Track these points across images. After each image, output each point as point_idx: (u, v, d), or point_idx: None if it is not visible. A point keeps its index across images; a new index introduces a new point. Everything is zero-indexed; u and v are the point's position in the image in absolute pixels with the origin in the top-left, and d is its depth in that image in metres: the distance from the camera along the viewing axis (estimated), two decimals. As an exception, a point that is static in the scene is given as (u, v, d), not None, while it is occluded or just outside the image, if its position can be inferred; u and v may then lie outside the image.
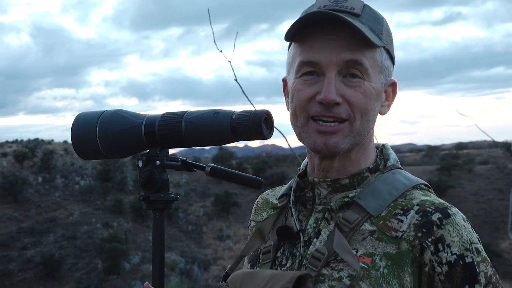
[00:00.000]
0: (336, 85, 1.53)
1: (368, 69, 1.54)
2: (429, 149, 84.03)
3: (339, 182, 1.62)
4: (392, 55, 1.63)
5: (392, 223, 1.51)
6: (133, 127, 1.73)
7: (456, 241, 1.44)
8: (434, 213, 1.48)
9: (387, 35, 1.60)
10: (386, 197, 1.56)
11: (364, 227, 1.54)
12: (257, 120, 1.59)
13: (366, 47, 1.53)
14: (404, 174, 1.64)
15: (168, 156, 1.75)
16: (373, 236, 1.51)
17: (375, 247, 1.49)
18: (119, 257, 40.23)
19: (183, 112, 1.71)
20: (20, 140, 74.45)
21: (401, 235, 1.48)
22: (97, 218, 48.43)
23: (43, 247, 42.80)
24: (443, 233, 1.45)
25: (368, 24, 1.55)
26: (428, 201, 1.53)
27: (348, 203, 1.58)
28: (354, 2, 1.58)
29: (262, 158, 66.02)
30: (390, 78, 1.64)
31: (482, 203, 50.87)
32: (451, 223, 1.46)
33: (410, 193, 1.58)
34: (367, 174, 1.62)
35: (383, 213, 1.54)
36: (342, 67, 1.53)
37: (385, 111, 1.67)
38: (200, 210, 50.81)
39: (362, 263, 1.48)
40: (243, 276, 1.64)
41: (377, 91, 1.57)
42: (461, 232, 1.46)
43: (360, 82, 1.54)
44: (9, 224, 46.09)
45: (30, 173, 54.92)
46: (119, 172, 55.80)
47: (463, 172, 58.64)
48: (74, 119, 1.81)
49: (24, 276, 39.59)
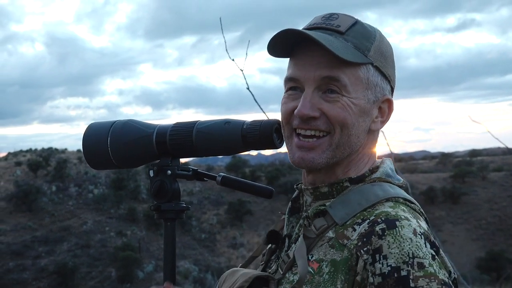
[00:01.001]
0: (313, 100, 1.57)
1: (347, 85, 1.56)
2: (442, 156, 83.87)
3: (319, 190, 1.64)
4: (384, 72, 1.63)
5: (347, 232, 1.51)
6: (144, 137, 1.74)
7: (395, 253, 1.40)
8: (380, 223, 1.46)
9: (378, 52, 1.61)
10: (354, 207, 1.56)
11: (328, 234, 1.55)
12: (268, 130, 1.59)
13: (346, 64, 1.55)
14: (384, 187, 1.62)
15: (179, 166, 1.76)
16: (329, 243, 1.53)
17: (326, 254, 1.51)
18: (132, 266, 40.34)
19: (194, 122, 1.71)
20: (34, 149, 74.87)
21: (347, 243, 1.49)
22: (111, 226, 48.58)
23: (56, 256, 42.96)
24: (382, 243, 1.42)
25: (353, 41, 1.58)
26: (385, 212, 1.50)
27: (323, 211, 1.59)
28: (343, 20, 1.61)
29: (275, 166, 66.02)
30: (382, 94, 1.64)
31: (496, 210, 50.61)
32: (393, 235, 1.42)
33: (381, 204, 1.56)
34: (346, 184, 1.62)
35: (347, 222, 1.54)
36: (321, 83, 1.57)
37: (378, 127, 1.66)
38: (213, 218, 50.87)
39: (310, 268, 1.51)
40: (228, 273, 1.70)
41: (360, 107, 1.58)
42: (403, 244, 1.41)
43: (338, 97, 1.56)
44: (23, 233, 46.31)
45: (44, 182, 55.21)
46: (132, 181, 55.98)
47: (476, 179, 58.46)
48: (85, 129, 1.82)
49: (38, 285, 39.75)
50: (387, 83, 1.65)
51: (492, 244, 43.42)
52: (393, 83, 1.67)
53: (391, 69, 1.66)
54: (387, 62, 1.64)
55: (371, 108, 1.61)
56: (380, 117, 1.65)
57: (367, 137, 1.64)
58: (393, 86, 1.68)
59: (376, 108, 1.63)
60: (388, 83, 1.65)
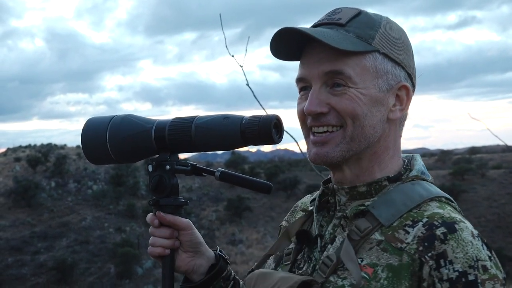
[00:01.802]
0: (320, 96, 1.56)
1: (351, 76, 1.54)
2: (442, 154, 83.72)
3: (356, 190, 1.61)
4: (395, 59, 1.60)
5: (399, 234, 1.49)
6: (143, 131, 1.74)
7: (460, 257, 1.39)
8: (439, 227, 1.45)
9: (385, 39, 1.58)
10: (400, 208, 1.54)
11: (374, 236, 1.52)
12: (266, 125, 1.59)
13: (349, 55, 1.54)
14: (424, 186, 1.60)
15: (178, 161, 1.76)
16: (380, 246, 1.50)
17: (379, 258, 1.48)
18: (131, 262, 40.31)
19: (193, 117, 1.71)
20: (33, 145, 74.84)
21: (405, 247, 1.46)
22: (110, 222, 48.55)
23: (55, 252, 42.95)
24: (446, 248, 1.41)
25: (355, 31, 1.57)
26: (438, 214, 1.49)
27: (364, 211, 1.57)
28: (346, 12, 1.61)
29: (275, 163, 66.05)
30: (397, 81, 1.61)
31: (495, 208, 50.59)
32: (456, 239, 1.42)
33: (426, 205, 1.54)
34: (385, 183, 1.60)
35: (394, 224, 1.52)
36: (326, 79, 1.56)
37: (397, 115, 1.63)
38: (212, 215, 50.83)
39: (364, 273, 1.47)
40: (258, 276, 1.65)
41: (370, 96, 1.56)
42: (466, 248, 1.41)
43: (345, 90, 1.55)
44: (22, 228, 46.28)
45: (43, 178, 55.18)
46: (131, 177, 55.94)
47: (476, 176, 58.39)
48: (84, 124, 1.81)
49: (37, 280, 39.72)
50: (401, 69, 1.62)
51: (491, 241, 43.49)
52: (409, 69, 1.64)
53: (404, 54, 1.62)
54: (397, 47, 1.61)
55: (385, 97, 1.59)
56: (398, 105, 1.63)
57: (388, 127, 1.62)
58: (409, 71, 1.64)
59: (392, 96, 1.60)
60: (402, 69, 1.62)
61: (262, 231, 48.34)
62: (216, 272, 1.82)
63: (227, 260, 1.87)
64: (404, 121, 1.68)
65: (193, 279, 1.83)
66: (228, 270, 1.86)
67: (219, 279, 1.83)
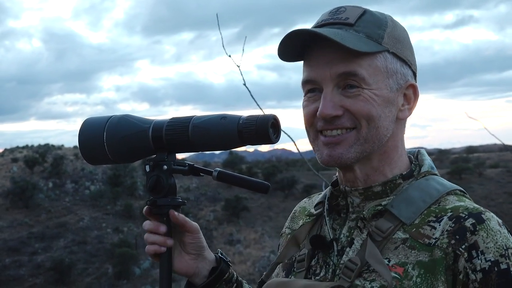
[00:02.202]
0: (334, 99, 1.54)
1: (365, 77, 1.52)
2: (439, 153, 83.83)
3: (371, 190, 1.60)
4: (402, 58, 1.59)
5: (425, 230, 1.48)
6: (140, 131, 1.73)
7: (491, 247, 1.40)
8: (467, 218, 1.44)
9: (392, 38, 1.57)
10: (419, 205, 1.53)
11: (396, 235, 1.51)
12: (264, 125, 1.58)
13: (361, 56, 1.52)
14: (438, 180, 1.60)
15: (175, 161, 1.75)
16: (406, 244, 1.49)
17: (408, 256, 1.47)
18: (129, 262, 40.32)
19: (190, 117, 1.70)
20: (30, 145, 74.79)
21: (434, 242, 1.45)
22: (107, 223, 48.55)
23: (53, 252, 42.93)
24: (477, 239, 1.41)
25: (364, 31, 1.55)
26: (461, 206, 1.49)
27: (381, 211, 1.56)
28: (351, 12, 1.58)
29: (272, 163, 66.09)
30: (405, 81, 1.60)
31: (492, 207, 50.59)
32: (485, 229, 1.42)
33: (444, 199, 1.54)
34: (399, 181, 1.60)
35: (416, 221, 1.51)
36: (339, 80, 1.54)
37: (406, 114, 1.62)
38: (210, 215, 50.83)
39: (394, 273, 1.46)
40: (277, 285, 1.63)
41: (383, 97, 1.55)
42: (495, 237, 1.41)
43: (359, 91, 1.53)
44: (20, 229, 46.25)
45: (41, 179, 55.17)
46: (129, 177, 55.95)
47: (473, 175, 58.52)
48: (81, 124, 1.81)
49: (35, 281, 39.70)
50: (408, 68, 1.61)
51: None
52: (414, 67, 1.63)
53: (409, 53, 1.62)
54: (403, 46, 1.60)
55: (395, 97, 1.58)
56: (406, 104, 1.62)
57: (396, 126, 1.61)
58: (414, 70, 1.64)
59: (401, 95, 1.60)
60: (408, 67, 1.61)
61: (260, 231, 48.34)
62: (218, 275, 1.81)
63: (229, 262, 1.86)
64: (407, 118, 1.67)
65: (196, 283, 1.83)
66: (230, 272, 1.85)
67: (221, 282, 1.82)
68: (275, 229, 45.23)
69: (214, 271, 1.82)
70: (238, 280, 1.88)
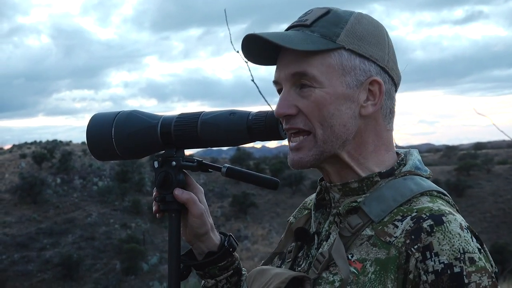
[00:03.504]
0: (289, 98, 1.55)
1: (315, 76, 1.53)
2: (447, 149, 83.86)
3: (348, 186, 1.60)
4: (363, 54, 1.57)
5: (388, 229, 1.48)
6: (149, 127, 1.73)
7: (446, 249, 1.39)
8: (426, 219, 1.43)
9: (352, 35, 1.56)
10: (390, 203, 1.53)
11: (365, 232, 1.52)
12: (273, 120, 1.58)
13: (312, 55, 1.53)
14: (416, 181, 1.59)
15: (184, 157, 1.75)
16: (369, 241, 1.49)
17: (368, 253, 1.48)
18: (137, 258, 40.43)
19: (199, 113, 1.70)
20: (38, 141, 75.06)
21: (393, 241, 1.46)
22: (115, 219, 48.69)
23: (61, 248, 43.09)
24: (432, 240, 1.40)
25: (320, 30, 1.55)
26: (427, 207, 1.48)
27: (356, 208, 1.56)
28: (314, 13, 1.60)
29: (280, 159, 65.96)
30: (367, 76, 1.58)
31: (500, 203, 50.59)
32: (442, 231, 1.41)
33: (417, 199, 1.53)
34: (377, 178, 1.59)
35: (385, 219, 1.51)
36: (294, 80, 1.55)
37: (369, 111, 1.59)
38: (217, 211, 50.91)
39: (353, 268, 1.47)
40: (257, 272, 1.66)
41: (338, 94, 1.54)
42: (452, 240, 1.40)
43: (311, 91, 1.53)
44: (28, 225, 46.44)
45: (49, 174, 55.36)
46: (137, 173, 56.08)
47: (481, 172, 58.42)
48: (89, 120, 1.80)
49: (43, 276, 39.86)
50: (371, 64, 1.58)
51: (497, 237, 43.39)
52: (382, 62, 1.60)
53: (375, 48, 1.59)
54: (365, 42, 1.58)
55: (355, 93, 1.56)
56: (371, 99, 1.59)
57: (363, 123, 1.58)
58: (383, 65, 1.60)
59: (364, 91, 1.57)
60: (372, 63, 1.58)
61: (267, 227, 48.42)
62: (213, 260, 1.84)
63: (231, 251, 1.89)
64: (390, 114, 1.64)
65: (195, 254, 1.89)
66: (228, 260, 1.88)
67: (215, 267, 1.86)
68: (282, 225, 45.22)
69: (211, 256, 1.84)
70: (238, 268, 1.92)
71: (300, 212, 1.88)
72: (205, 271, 1.87)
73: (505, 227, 45.99)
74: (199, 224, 1.80)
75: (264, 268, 1.67)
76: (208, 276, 1.87)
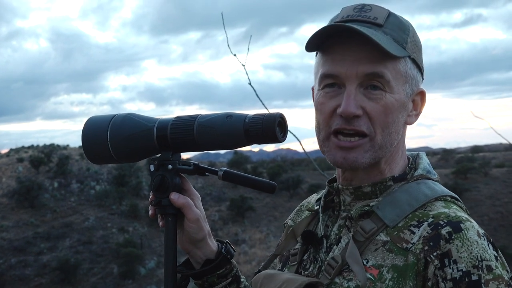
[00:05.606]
0: (356, 98, 1.51)
1: (390, 81, 1.51)
2: (444, 152, 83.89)
3: (361, 190, 1.59)
4: (419, 64, 1.59)
5: (404, 235, 1.47)
6: (145, 130, 1.71)
7: (464, 257, 1.38)
8: (445, 226, 1.43)
9: (413, 43, 1.56)
10: (404, 208, 1.52)
11: (379, 237, 1.51)
12: (270, 123, 1.56)
13: (387, 59, 1.50)
14: (429, 185, 1.58)
15: (180, 160, 1.73)
16: (385, 247, 1.48)
17: (385, 259, 1.46)
18: (134, 262, 40.40)
19: (195, 116, 1.68)
20: (36, 145, 74.98)
21: (410, 247, 1.44)
22: (113, 223, 48.62)
23: (59, 252, 43.01)
24: (451, 247, 1.39)
25: (391, 34, 1.53)
26: (444, 213, 1.47)
27: (368, 212, 1.55)
28: (378, 11, 1.56)
29: (277, 162, 66.11)
30: (417, 87, 1.59)
31: (498, 206, 50.61)
32: (461, 238, 1.40)
33: (431, 204, 1.52)
34: (390, 183, 1.59)
35: (399, 224, 1.50)
36: (363, 80, 1.51)
37: (413, 121, 1.62)
38: (215, 215, 50.85)
39: (369, 274, 1.46)
40: (264, 277, 1.64)
41: (400, 102, 1.54)
42: (471, 247, 1.39)
43: (382, 95, 1.51)
44: (25, 229, 46.35)
45: (46, 178, 55.25)
46: (134, 177, 56.03)
47: (479, 175, 58.49)
48: (85, 123, 1.78)
49: (40, 281, 39.79)
50: (420, 74, 1.60)
51: (494, 240, 43.24)
52: (423, 73, 1.63)
53: (422, 59, 1.61)
54: (420, 52, 1.60)
55: (408, 102, 1.57)
56: (414, 110, 1.61)
57: (403, 131, 1.60)
58: (423, 76, 1.63)
59: (410, 101, 1.59)
60: (420, 74, 1.61)
61: (265, 231, 48.37)
62: (211, 268, 1.80)
63: (229, 258, 1.85)
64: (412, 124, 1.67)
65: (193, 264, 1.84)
66: (227, 268, 1.84)
67: (214, 275, 1.81)
68: (280, 229, 45.23)
69: (209, 263, 1.80)
70: (236, 276, 1.87)
71: (299, 215, 1.86)
72: (203, 280, 1.82)
73: (503, 230, 46.02)
74: (195, 229, 1.76)
75: (271, 273, 1.65)
76: (207, 285, 1.83)
